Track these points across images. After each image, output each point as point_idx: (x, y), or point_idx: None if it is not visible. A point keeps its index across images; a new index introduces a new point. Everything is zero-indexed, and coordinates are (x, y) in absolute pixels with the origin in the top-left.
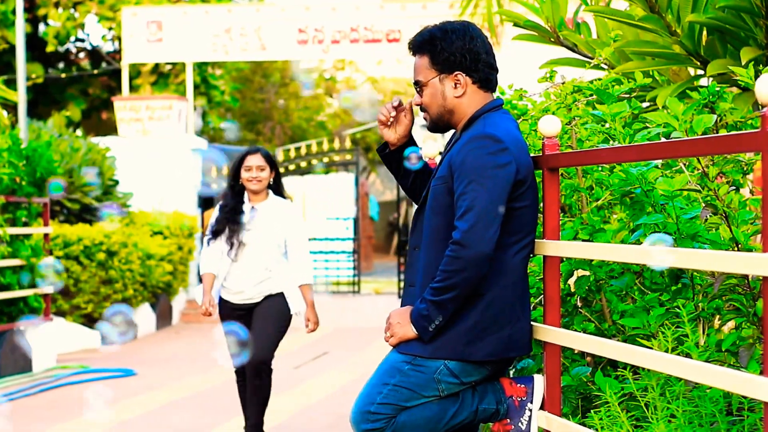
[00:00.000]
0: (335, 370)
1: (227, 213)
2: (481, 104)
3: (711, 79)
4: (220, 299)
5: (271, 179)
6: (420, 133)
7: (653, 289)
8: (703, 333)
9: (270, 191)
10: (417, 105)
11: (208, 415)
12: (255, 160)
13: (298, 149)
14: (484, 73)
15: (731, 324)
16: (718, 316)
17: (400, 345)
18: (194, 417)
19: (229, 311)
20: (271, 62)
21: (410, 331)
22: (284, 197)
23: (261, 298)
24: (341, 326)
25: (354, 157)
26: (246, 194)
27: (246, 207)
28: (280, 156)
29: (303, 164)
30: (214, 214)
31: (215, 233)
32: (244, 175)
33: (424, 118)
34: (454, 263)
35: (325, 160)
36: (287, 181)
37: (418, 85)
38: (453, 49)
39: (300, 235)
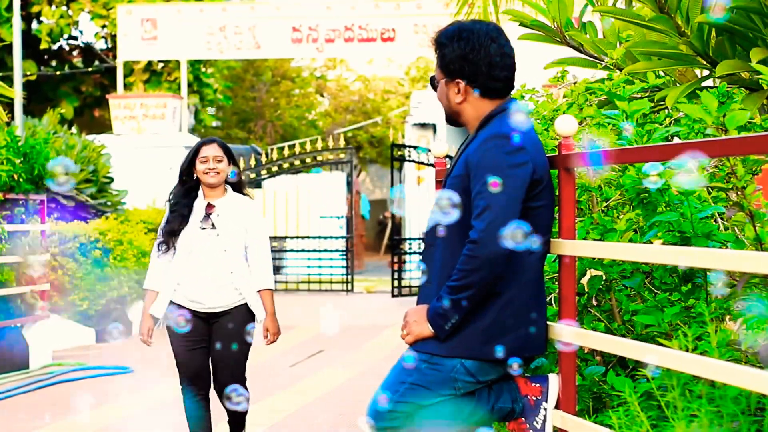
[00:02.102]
0: (331, 368)
1: (179, 209)
2: (486, 110)
3: (719, 79)
4: (172, 304)
5: (229, 174)
6: (414, 132)
7: (663, 289)
8: (715, 332)
9: (228, 187)
10: None
11: None
12: (211, 151)
13: (292, 147)
14: (484, 84)
15: (740, 324)
16: (729, 316)
17: (416, 343)
18: None
19: (184, 316)
20: (263, 61)
21: (427, 330)
22: (244, 194)
23: (222, 309)
24: (335, 325)
25: (348, 156)
26: (201, 190)
27: (200, 204)
28: (273, 154)
29: (296, 162)
30: (165, 214)
31: (167, 234)
32: (199, 167)
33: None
34: (471, 262)
35: (319, 158)
36: (280, 180)
37: (433, 81)
38: (453, 57)
39: (262, 236)
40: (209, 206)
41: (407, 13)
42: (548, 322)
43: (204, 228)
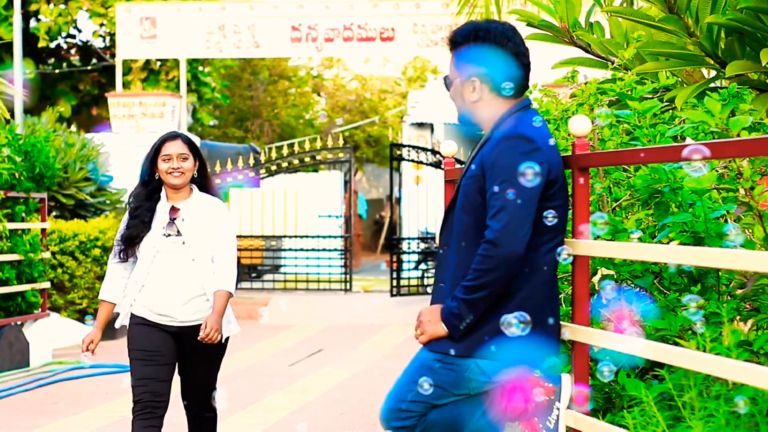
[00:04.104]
0: (330, 367)
1: (140, 214)
2: (501, 109)
3: (727, 80)
4: (133, 317)
5: (195, 172)
6: (412, 132)
7: (673, 290)
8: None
9: (194, 187)
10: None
11: None
12: (175, 148)
13: (290, 146)
14: (500, 83)
15: (749, 324)
16: (739, 317)
17: (430, 343)
18: None
19: (145, 332)
20: (260, 59)
21: (441, 329)
22: (213, 194)
23: (194, 323)
24: (334, 324)
25: (346, 155)
26: (164, 191)
27: (163, 207)
28: (272, 153)
29: (295, 162)
30: (124, 219)
31: (127, 241)
32: (162, 166)
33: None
34: (486, 262)
35: (318, 157)
36: (278, 179)
37: (446, 80)
38: (469, 56)
39: (230, 240)
40: (173, 210)
41: (406, 12)
42: (561, 322)
43: (168, 234)
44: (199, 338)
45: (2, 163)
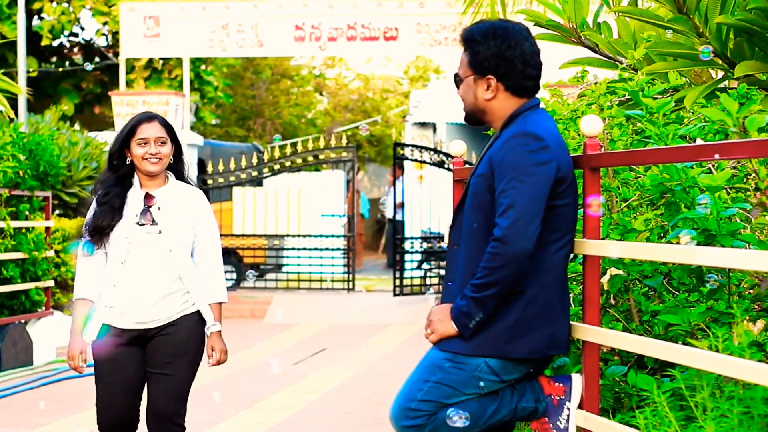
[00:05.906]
0: (334, 366)
1: (110, 200)
2: (513, 108)
3: (736, 81)
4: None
5: (171, 158)
6: (415, 132)
7: (682, 290)
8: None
9: (170, 174)
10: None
11: (210, 411)
12: (152, 131)
13: (294, 145)
14: (517, 82)
15: (760, 326)
16: (748, 317)
17: (440, 342)
18: (198, 413)
19: (111, 343)
20: (262, 59)
21: (451, 328)
22: (189, 183)
23: (162, 322)
24: (336, 323)
25: (350, 154)
26: (136, 177)
27: (135, 194)
28: (275, 152)
29: (298, 161)
30: (91, 207)
31: (95, 232)
32: (137, 151)
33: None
34: (495, 260)
35: (321, 157)
36: (281, 178)
37: (457, 78)
38: (487, 54)
39: (214, 236)
40: (148, 197)
41: (410, 12)
42: (571, 322)
43: (143, 224)
44: (209, 365)
45: (6, 161)
